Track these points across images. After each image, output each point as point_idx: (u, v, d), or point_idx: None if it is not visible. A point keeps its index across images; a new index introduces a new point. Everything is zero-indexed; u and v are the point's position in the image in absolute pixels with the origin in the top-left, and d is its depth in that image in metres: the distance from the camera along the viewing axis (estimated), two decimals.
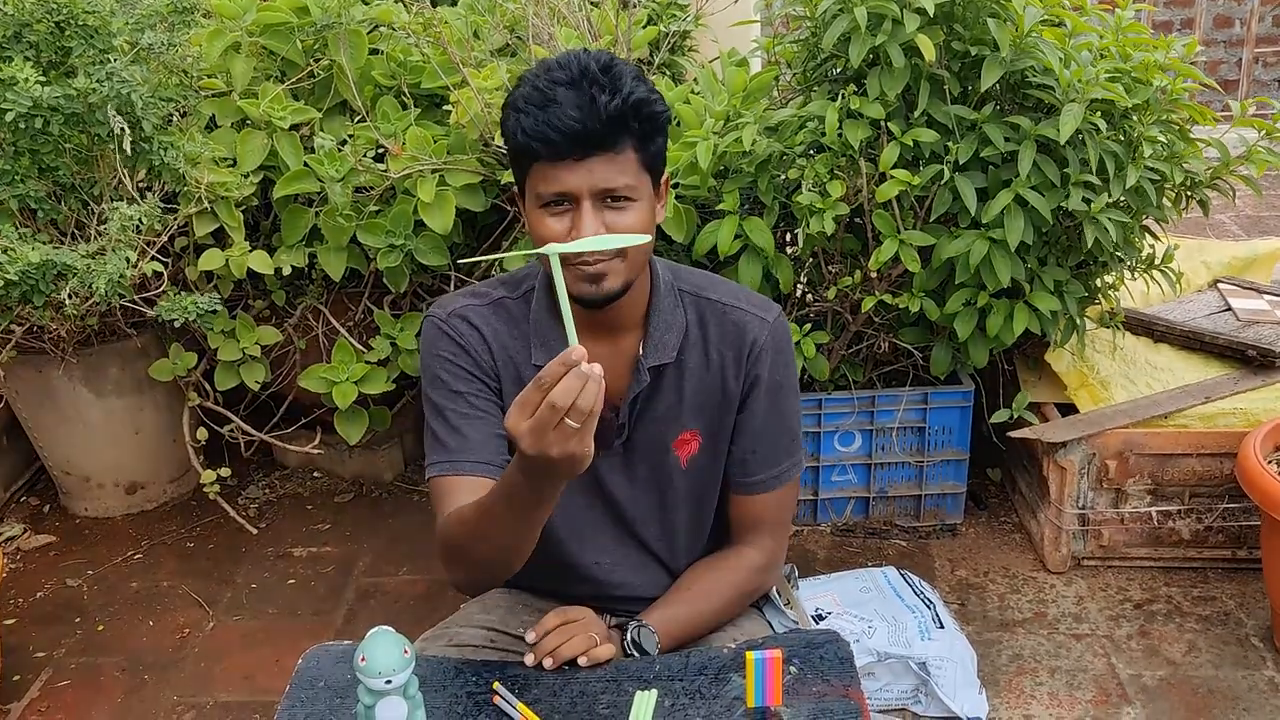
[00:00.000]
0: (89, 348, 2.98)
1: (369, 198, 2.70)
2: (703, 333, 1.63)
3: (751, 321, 1.63)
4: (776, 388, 1.66)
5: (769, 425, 1.67)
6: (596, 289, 1.50)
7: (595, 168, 1.45)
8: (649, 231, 1.52)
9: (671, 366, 1.62)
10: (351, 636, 2.55)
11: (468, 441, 1.59)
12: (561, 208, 1.47)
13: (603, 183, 1.45)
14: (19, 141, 2.56)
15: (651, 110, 1.47)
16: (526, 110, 1.45)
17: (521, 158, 1.50)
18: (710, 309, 1.64)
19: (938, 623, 2.36)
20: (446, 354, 1.61)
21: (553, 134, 1.42)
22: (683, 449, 1.67)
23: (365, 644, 1.30)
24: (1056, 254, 2.56)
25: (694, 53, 3.38)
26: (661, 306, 1.62)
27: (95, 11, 2.55)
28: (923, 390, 2.81)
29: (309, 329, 3.01)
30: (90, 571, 2.95)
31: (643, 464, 1.67)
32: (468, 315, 1.63)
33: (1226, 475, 2.60)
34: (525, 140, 1.45)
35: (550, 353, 1.52)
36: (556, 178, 1.45)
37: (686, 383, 1.63)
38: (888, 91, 2.35)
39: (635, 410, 1.63)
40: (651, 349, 1.60)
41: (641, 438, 1.65)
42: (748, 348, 1.62)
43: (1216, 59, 6.54)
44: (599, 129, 1.42)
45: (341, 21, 2.69)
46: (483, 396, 1.61)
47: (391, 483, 3.32)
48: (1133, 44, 2.48)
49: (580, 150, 1.43)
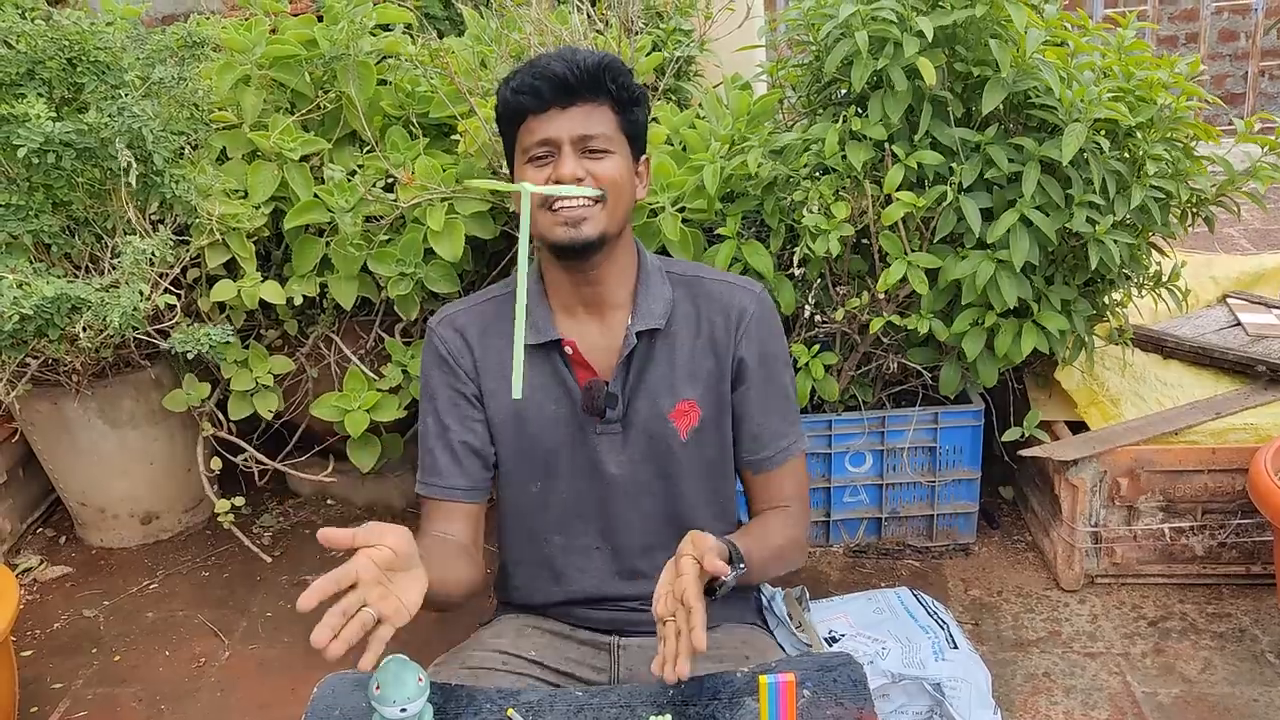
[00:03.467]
0: (103, 380, 3.01)
1: (379, 227, 2.72)
2: (692, 307, 1.74)
3: (738, 293, 1.75)
4: (771, 358, 1.75)
5: (769, 396, 1.76)
6: (576, 232, 1.61)
7: (575, 117, 1.61)
8: (627, 189, 1.66)
9: (661, 336, 1.71)
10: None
11: (438, 467, 1.73)
12: (545, 159, 1.62)
13: (581, 129, 1.61)
14: (32, 177, 2.60)
15: (626, 80, 1.64)
16: (515, 76, 1.63)
17: (512, 122, 1.65)
18: (697, 284, 1.76)
19: (952, 643, 2.35)
20: (432, 369, 1.75)
21: (538, 82, 1.59)
22: (681, 420, 1.73)
23: (380, 673, 1.31)
24: (1063, 273, 2.57)
25: (699, 77, 3.40)
26: (649, 284, 1.72)
27: (107, 48, 2.59)
28: (933, 410, 2.82)
29: (321, 357, 3.03)
30: (106, 602, 2.96)
31: (641, 437, 1.73)
32: (455, 318, 1.76)
33: (1238, 491, 2.59)
34: (515, 98, 1.62)
35: (537, 331, 1.69)
36: (540, 128, 1.61)
37: (678, 352, 1.72)
38: (890, 114, 2.36)
39: (628, 379, 1.71)
40: (640, 317, 1.70)
41: (637, 409, 1.71)
42: (735, 314, 1.73)
43: (1222, 73, 6.56)
44: (579, 77, 1.59)
45: (350, 53, 2.72)
46: (458, 412, 1.73)
47: (404, 510, 3.33)
48: (1135, 63, 2.49)
49: (563, 99, 1.60)
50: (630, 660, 1.75)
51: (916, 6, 2.32)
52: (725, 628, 1.80)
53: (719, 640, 1.77)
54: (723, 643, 1.76)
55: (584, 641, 1.78)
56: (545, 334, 1.69)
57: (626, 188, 1.65)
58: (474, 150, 2.65)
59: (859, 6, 2.29)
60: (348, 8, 2.71)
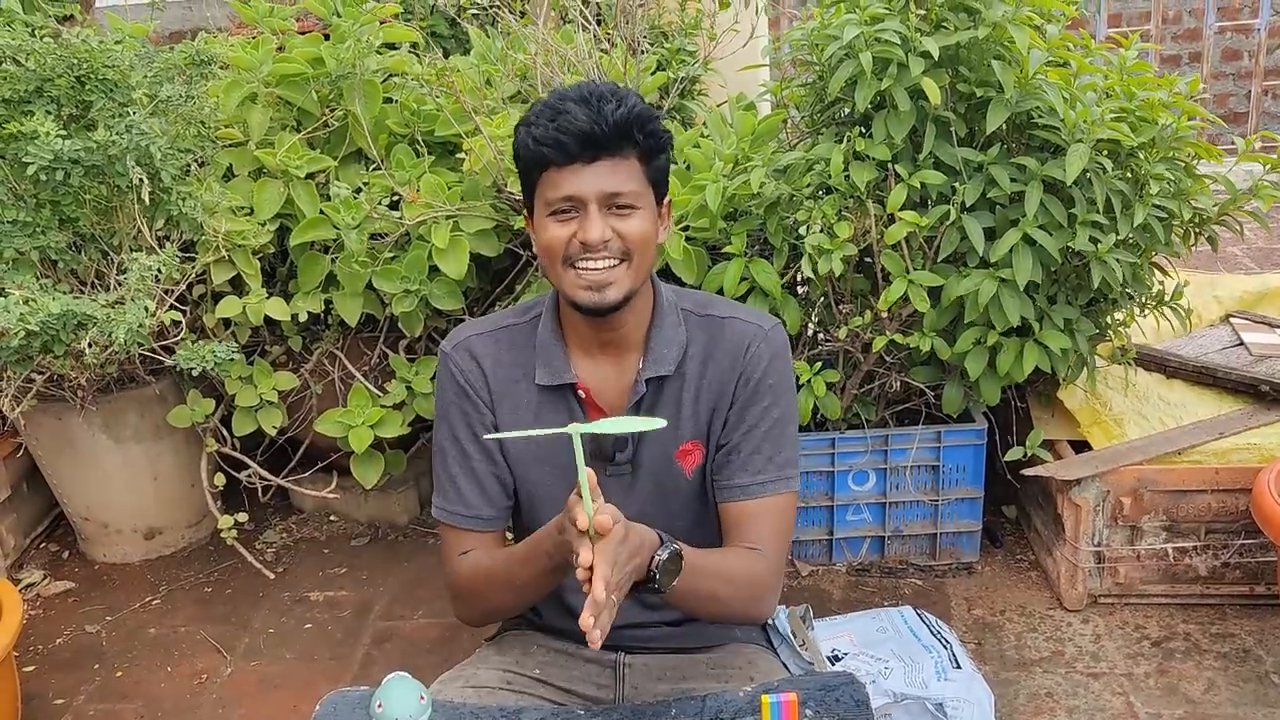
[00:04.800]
0: (108, 395, 3.02)
1: (384, 244, 2.73)
2: (703, 348, 1.69)
3: (748, 329, 1.69)
4: (769, 390, 1.67)
5: (761, 426, 1.67)
6: (600, 297, 1.57)
7: (601, 172, 1.53)
8: (652, 244, 1.61)
9: (671, 379, 1.67)
10: (368, 681, 2.56)
11: (463, 497, 1.70)
12: (569, 214, 1.55)
13: (609, 186, 1.54)
14: (40, 193, 2.61)
15: (654, 127, 1.56)
16: (538, 122, 1.54)
17: (532, 169, 1.57)
18: (710, 324, 1.70)
19: (955, 663, 2.35)
20: (450, 395, 1.71)
21: (563, 137, 1.51)
22: (686, 460, 1.70)
23: (382, 690, 1.31)
24: (1066, 292, 2.57)
25: (703, 97, 3.42)
26: (663, 325, 1.68)
27: (115, 65, 2.60)
28: (936, 429, 2.82)
29: (325, 374, 3.03)
30: (109, 617, 2.96)
31: (649, 479, 1.71)
32: (471, 346, 1.71)
33: (1242, 511, 2.59)
34: (537, 148, 1.53)
35: (552, 373, 1.66)
36: (565, 182, 1.54)
37: (685, 393, 1.68)
38: (894, 134, 2.37)
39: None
40: (650, 363, 1.67)
41: (646, 452, 1.70)
42: (743, 350, 1.67)
43: (1225, 92, 6.57)
44: (606, 133, 1.51)
45: (356, 72, 2.73)
46: (478, 442, 1.70)
47: (407, 526, 3.33)
48: (1137, 83, 2.50)
49: (588, 154, 1.52)
50: (635, 679, 1.75)
51: (920, 28, 2.33)
52: (730, 647, 1.80)
53: (723, 659, 1.77)
54: (727, 661, 1.76)
55: (589, 659, 1.78)
56: (561, 377, 1.67)
57: (651, 243, 1.60)
58: (479, 168, 2.66)
59: (863, 28, 2.30)
60: (354, 27, 2.73)
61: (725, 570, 1.58)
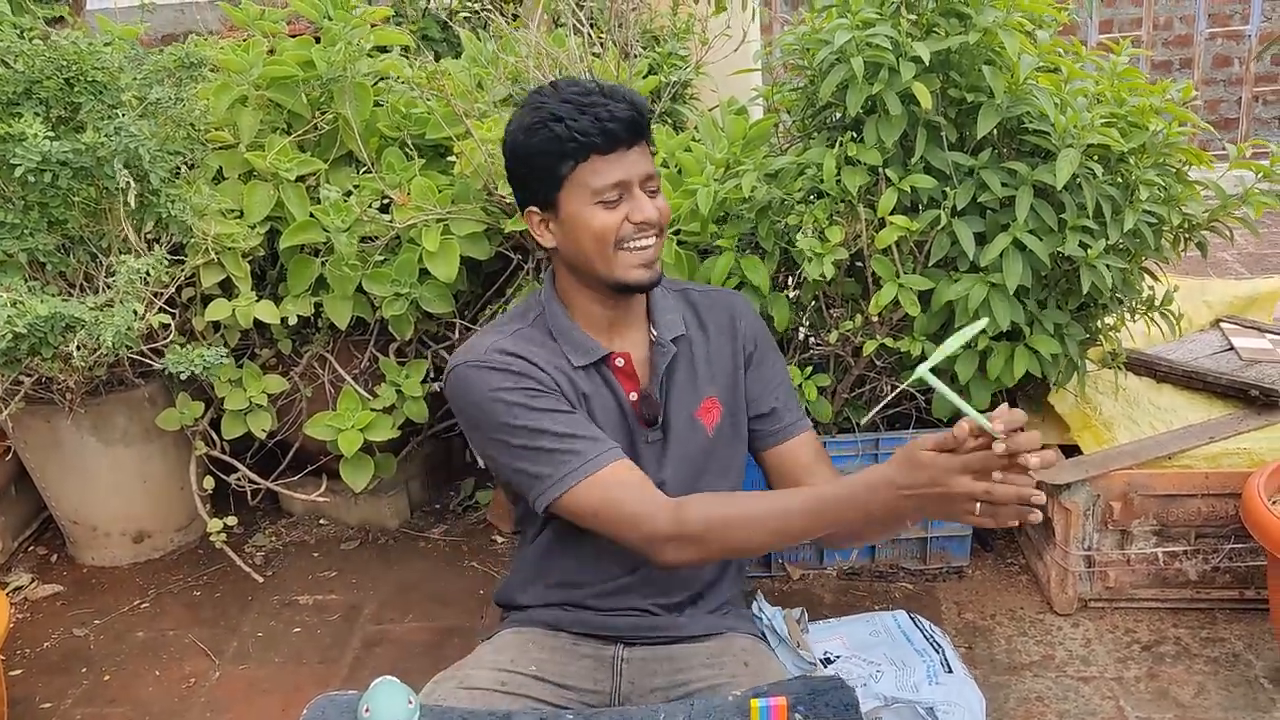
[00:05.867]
0: (97, 398, 3.01)
1: (374, 247, 2.73)
2: (694, 314, 1.84)
3: (723, 298, 1.88)
4: (770, 348, 1.88)
5: (779, 375, 1.87)
6: (653, 272, 1.69)
7: (637, 156, 1.66)
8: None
9: (682, 340, 1.78)
10: (357, 685, 2.54)
11: (596, 437, 1.64)
12: (615, 201, 1.63)
13: (646, 169, 1.66)
14: (28, 195, 2.60)
15: (650, 114, 1.71)
16: (570, 115, 1.60)
17: (561, 162, 1.63)
18: (689, 295, 1.86)
19: (946, 667, 2.35)
20: (509, 384, 1.65)
21: (611, 124, 1.60)
22: (707, 416, 1.79)
23: (369, 695, 1.31)
24: (1056, 297, 2.57)
25: (695, 101, 3.42)
26: (659, 297, 1.80)
27: (104, 68, 2.59)
28: (927, 433, 2.81)
29: (315, 377, 3.03)
30: (97, 621, 2.95)
31: (677, 443, 1.77)
32: (504, 347, 1.70)
33: (1232, 515, 2.60)
34: (584, 139, 1.60)
35: (584, 353, 1.71)
36: (611, 170, 1.63)
37: (696, 353, 1.80)
38: (885, 139, 2.38)
39: (662, 389, 1.76)
40: (664, 328, 1.77)
41: (673, 414, 1.77)
42: (732, 313, 1.85)
43: (1217, 98, 6.60)
44: (641, 120, 1.64)
45: (347, 75, 2.73)
46: (565, 400, 1.68)
47: (397, 530, 3.32)
48: (1128, 89, 2.50)
49: (630, 138, 1.63)
50: (633, 673, 1.76)
51: (911, 33, 2.33)
52: (727, 636, 1.82)
53: (719, 649, 1.79)
54: (723, 650, 1.78)
55: (586, 654, 1.79)
56: (595, 353, 1.72)
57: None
58: (470, 172, 2.66)
59: (854, 33, 2.30)
60: (345, 30, 2.72)
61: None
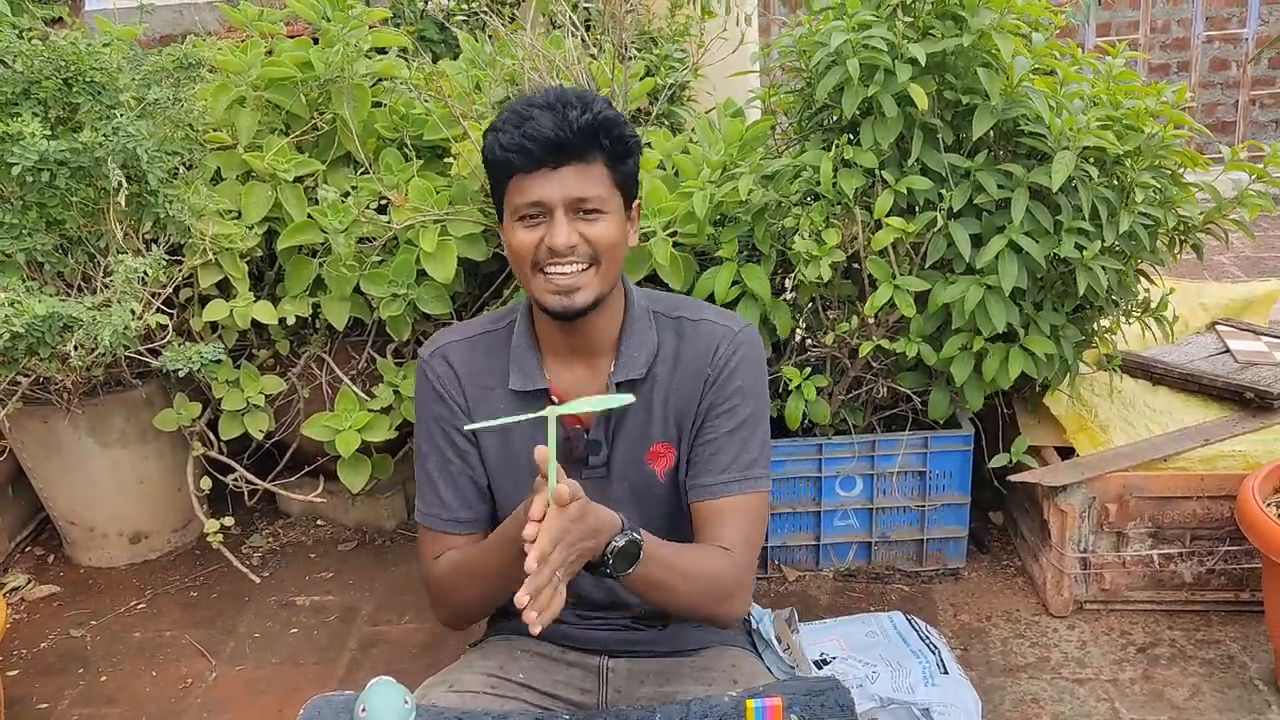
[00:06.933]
0: (94, 398, 3.01)
1: (372, 248, 2.73)
2: (674, 349, 1.70)
3: (716, 330, 1.70)
4: (736, 391, 1.67)
5: (725, 426, 1.67)
6: (569, 301, 1.58)
7: (568, 177, 1.54)
8: (620, 248, 1.61)
9: (642, 382, 1.68)
10: (354, 685, 2.55)
11: (441, 499, 1.73)
12: (536, 220, 1.57)
13: (575, 191, 1.55)
14: (26, 195, 2.60)
15: (621, 131, 1.57)
16: (504, 129, 1.55)
17: (500, 175, 1.59)
18: (680, 325, 1.71)
19: (942, 668, 2.35)
20: (427, 401, 1.74)
21: (528, 143, 1.52)
22: (658, 462, 1.71)
23: (366, 695, 1.31)
24: (1052, 299, 2.58)
25: (692, 103, 3.43)
26: (634, 329, 1.69)
27: (102, 68, 2.60)
28: (923, 434, 2.82)
29: (312, 378, 3.03)
30: (94, 622, 2.95)
31: (622, 483, 1.72)
32: (446, 353, 1.74)
33: (1227, 518, 2.60)
34: (503, 154, 1.54)
35: (526, 379, 1.68)
36: (531, 188, 1.55)
37: (655, 395, 1.69)
38: (881, 141, 2.38)
39: (609, 426, 1.70)
40: (621, 367, 1.68)
41: (618, 455, 1.71)
42: (711, 351, 1.68)
43: (1214, 101, 6.59)
44: (571, 139, 1.52)
45: (345, 76, 2.73)
46: (456, 447, 1.72)
47: (394, 531, 3.32)
48: (1124, 91, 2.51)
49: (554, 159, 1.53)
50: (619, 682, 1.76)
51: (907, 35, 2.34)
52: (715, 649, 1.80)
53: (707, 662, 1.78)
54: (711, 664, 1.77)
55: (572, 663, 1.78)
56: (534, 382, 1.68)
57: (620, 247, 1.61)
58: (467, 173, 2.66)
59: (850, 35, 2.31)
60: (343, 31, 2.73)
61: (686, 564, 1.57)
